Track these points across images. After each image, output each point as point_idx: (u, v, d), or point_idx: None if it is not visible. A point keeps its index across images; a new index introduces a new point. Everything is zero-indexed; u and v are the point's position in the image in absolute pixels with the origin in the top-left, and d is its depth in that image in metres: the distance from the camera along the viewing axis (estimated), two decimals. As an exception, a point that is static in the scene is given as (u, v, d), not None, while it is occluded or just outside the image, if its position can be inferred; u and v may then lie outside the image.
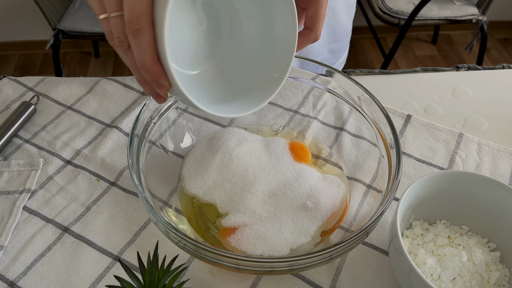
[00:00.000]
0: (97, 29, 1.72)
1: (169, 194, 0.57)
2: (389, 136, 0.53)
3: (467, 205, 0.52)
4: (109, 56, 2.33)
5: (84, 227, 0.56)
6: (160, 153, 0.59)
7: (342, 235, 0.54)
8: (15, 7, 2.21)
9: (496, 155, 0.65)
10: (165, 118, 0.60)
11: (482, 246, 0.51)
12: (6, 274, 0.52)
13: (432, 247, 0.50)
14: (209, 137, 0.61)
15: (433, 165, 0.64)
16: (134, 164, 0.51)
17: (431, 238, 0.51)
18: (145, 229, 0.56)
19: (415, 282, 0.43)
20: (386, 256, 0.54)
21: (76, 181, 0.60)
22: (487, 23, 1.85)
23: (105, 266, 0.52)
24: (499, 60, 2.34)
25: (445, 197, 0.52)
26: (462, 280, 0.47)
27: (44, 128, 0.67)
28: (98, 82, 0.74)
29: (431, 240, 0.51)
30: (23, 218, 0.57)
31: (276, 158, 0.57)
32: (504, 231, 0.50)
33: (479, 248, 0.50)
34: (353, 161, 0.61)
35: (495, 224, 0.51)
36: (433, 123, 0.69)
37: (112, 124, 0.68)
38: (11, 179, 0.61)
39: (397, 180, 0.49)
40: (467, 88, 0.75)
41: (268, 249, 0.50)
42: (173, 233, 0.45)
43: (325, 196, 0.54)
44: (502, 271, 0.49)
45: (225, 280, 0.51)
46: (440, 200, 0.52)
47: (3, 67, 2.28)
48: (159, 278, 0.42)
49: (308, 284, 0.51)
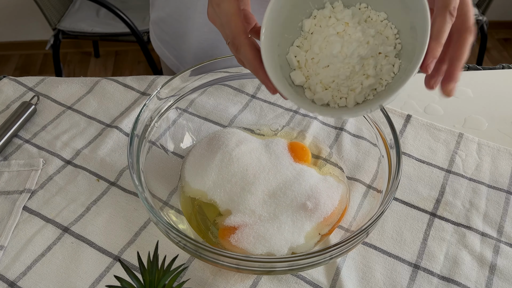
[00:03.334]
0: (97, 29, 1.73)
1: (169, 194, 0.57)
2: (389, 136, 0.53)
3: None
4: (109, 56, 2.33)
5: (84, 227, 0.56)
6: (160, 153, 0.59)
7: (342, 235, 0.54)
8: (15, 7, 2.21)
9: (496, 155, 0.65)
10: (165, 118, 0.60)
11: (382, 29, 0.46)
12: (6, 274, 0.52)
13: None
14: (209, 137, 0.61)
15: (433, 165, 0.64)
16: (134, 164, 0.51)
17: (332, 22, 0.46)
18: (145, 229, 0.56)
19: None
20: (386, 256, 0.54)
21: (76, 181, 0.60)
22: (487, 23, 1.85)
23: (105, 266, 0.52)
24: (499, 60, 2.34)
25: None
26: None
27: (44, 128, 0.67)
28: (98, 82, 0.74)
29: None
30: (23, 218, 0.57)
31: (276, 158, 0.57)
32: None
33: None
34: (353, 161, 0.61)
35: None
36: (433, 123, 0.69)
37: (112, 124, 0.68)
38: (11, 179, 0.61)
39: (397, 180, 0.49)
40: (467, 88, 0.75)
41: (268, 249, 0.50)
42: (173, 233, 0.45)
43: (325, 196, 0.54)
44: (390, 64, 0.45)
45: (225, 280, 0.51)
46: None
47: (3, 67, 2.28)
48: (159, 278, 0.42)
49: (308, 284, 0.51)
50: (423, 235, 0.56)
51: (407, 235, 0.56)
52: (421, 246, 0.55)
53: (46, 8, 1.66)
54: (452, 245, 0.55)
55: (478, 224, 0.57)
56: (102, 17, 1.78)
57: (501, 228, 0.57)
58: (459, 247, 0.55)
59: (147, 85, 0.73)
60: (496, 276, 0.53)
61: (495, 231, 0.57)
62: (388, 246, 0.55)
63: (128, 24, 1.64)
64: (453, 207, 0.59)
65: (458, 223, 0.57)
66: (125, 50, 2.35)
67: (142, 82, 0.74)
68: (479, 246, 0.55)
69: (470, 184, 0.62)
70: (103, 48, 2.33)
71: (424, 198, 0.60)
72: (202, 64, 0.59)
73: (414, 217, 0.58)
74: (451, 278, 0.53)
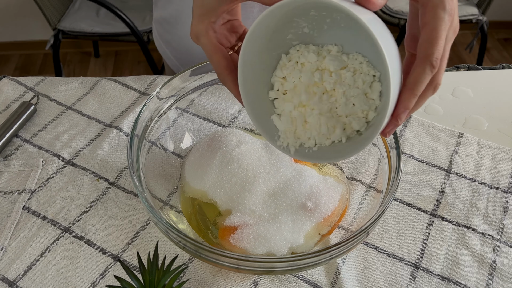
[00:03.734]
0: (97, 29, 1.72)
1: (169, 194, 0.57)
2: (389, 136, 0.53)
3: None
4: (109, 56, 2.33)
5: (84, 227, 0.56)
6: (160, 153, 0.59)
7: (342, 235, 0.54)
8: (15, 7, 2.21)
9: (496, 155, 0.65)
10: (165, 118, 0.60)
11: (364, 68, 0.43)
12: (6, 274, 0.52)
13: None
14: (209, 137, 0.61)
15: (433, 165, 0.64)
16: (134, 164, 0.51)
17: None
18: (145, 229, 0.56)
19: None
20: (386, 256, 0.54)
21: (76, 181, 0.60)
22: (487, 23, 1.85)
23: (105, 266, 0.52)
24: (499, 60, 2.34)
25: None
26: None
27: (44, 128, 0.67)
28: (98, 82, 0.74)
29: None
30: (23, 218, 0.57)
31: (276, 158, 0.57)
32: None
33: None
34: (353, 161, 0.61)
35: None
36: (433, 123, 0.69)
37: (112, 124, 0.68)
38: (11, 179, 0.61)
39: (397, 180, 0.49)
40: (467, 88, 0.75)
41: (268, 249, 0.50)
42: (173, 233, 0.45)
43: (325, 196, 0.54)
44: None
45: (225, 280, 0.51)
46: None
47: (3, 67, 2.28)
48: (159, 278, 0.42)
49: (308, 284, 0.51)
50: (423, 235, 0.56)
51: (407, 235, 0.56)
52: (421, 246, 0.55)
53: (46, 8, 1.66)
54: (452, 245, 0.55)
55: (478, 224, 0.57)
56: (102, 17, 1.78)
57: (501, 228, 0.57)
58: (459, 247, 0.55)
59: (147, 85, 0.73)
60: (496, 276, 0.53)
61: (495, 231, 0.57)
62: (388, 246, 0.55)
63: (128, 24, 1.64)
64: (453, 207, 0.59)
65: (458, 223, 0.57)
66: (125, 50, 2.35)
67: (142, 82, 0.74)
68: (479, 246, 0.55)
69: (470, 184, 0.62)
70: (103, 48, 2.33)
71: (424, 198, 0.60)
72: (202, 64, 0.59)
73: (414, 217, 0.58)
74: (451, 278, 0.53)
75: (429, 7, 0.38)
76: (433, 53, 0.38)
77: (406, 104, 0.39)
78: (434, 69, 0.38)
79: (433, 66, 0.38)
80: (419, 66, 0.38)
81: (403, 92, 0.39)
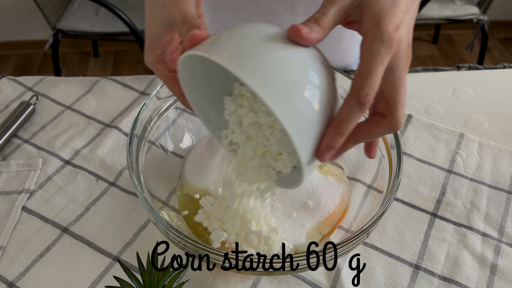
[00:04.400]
0: (96, 28, 1.72)
1: (168, 194, 0.57)
2: (390, 136, 0.53)
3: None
4: (108, 56, 2.32)
5: (83, 228, 0.56)
6: (160, 153, 0.59)
7: (342, 235, 0.53)
8: (15, 7, 2.21)
9: (497, 155, 0.65)
10: (165, 118, 0.59)
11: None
12: (5, 275, 0.51)
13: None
14: (209, 137, 0.61)
15: (434, 165, 0.63)
16: (133, 164, 0.50)
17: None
18: (144, 229, 0.56)
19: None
20: (387, 256, 0.54)
21: (75, 181, 0.60)
22: (487, 23, 1.85)
23: (104, 267, 0.52)
24: (500, 60, 2.34)
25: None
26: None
27: (43, 128, 0.67)
28: (97, 82, 0.73)
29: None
30: (22, 219, 0.56)
31: (276, 158, 0.57)
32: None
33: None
34: (354, 161, 0.61)
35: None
36: (434, 123, 0.69)
37: (111, 124, 0.67)
38: (10, 179, 0.60)
39: (397, 180, 0.49)
40: (468, 88, 0.75)
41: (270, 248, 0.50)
42: (173, 233, 0.45)
43: (326, 195, 0.54)
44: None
45: (225, 281, 0.51)
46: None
47: (2, 67, 2.28)
48: (159, 278, 0.41)
49: (308, 284, 0.51)
50: (423, 236, 0.56)
51: (407, 236, 0.56)
52: (422, 246, 0.55)
53: (45, 8, 1.66)
54: (453, 245, 0.55)
55: (479, 224, 0.57)
56: (102, 17, 1.78)
57: (502, 228, 0.57)
58: (460, 247, 0.55)
59: (146, 85, 0.73)
60: (497, 277, 0.53)
61: (496, 232, 0.57)
62: (389, 247, 0.55)
63: (127, 24, 1.64)
64: (454, 207, 0.59)
65: (459, 224, 0.57)
66: (124, 49, 2.34)
67: (142, 82, 0.73)
68: (480, 247, 0.55)
69: (471, 184, 0.61)
70: (103, 47, 2.33)
71: (425, 198, 0.60)
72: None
73: (414, 218, 0.58)
74: (452, 279, 0.52)
75: (366, 38, 0.36)
76: (362, 88, 0.34)
77: (329, 143, 0.36)
78: (362, 106, 0.35)
79: (361, 103, 0.35)
80: (346, 102, 0.35)
81: (328, 130, 0.36)
